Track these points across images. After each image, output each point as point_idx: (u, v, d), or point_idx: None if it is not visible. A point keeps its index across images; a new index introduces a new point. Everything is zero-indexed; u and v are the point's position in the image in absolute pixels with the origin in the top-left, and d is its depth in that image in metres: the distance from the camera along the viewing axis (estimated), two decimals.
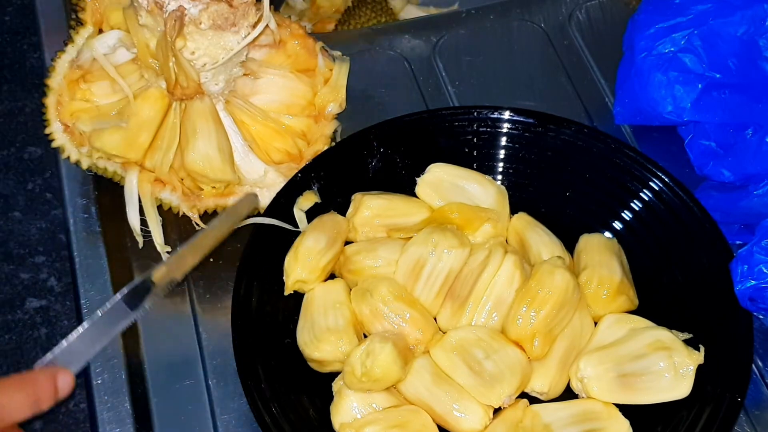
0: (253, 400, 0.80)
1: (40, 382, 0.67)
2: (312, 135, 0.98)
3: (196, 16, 0.90)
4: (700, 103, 0.96)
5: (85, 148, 0.93)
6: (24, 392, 0.65)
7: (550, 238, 0.92)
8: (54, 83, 0.92)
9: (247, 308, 0.86)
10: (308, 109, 0.98)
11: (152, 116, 0.92)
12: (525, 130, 0.96)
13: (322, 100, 0.97)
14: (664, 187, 0.92)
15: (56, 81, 0.92)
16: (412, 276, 0.88)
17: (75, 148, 0.94)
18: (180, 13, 0.88)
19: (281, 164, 0.97)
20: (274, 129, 0.97)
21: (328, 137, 0.98)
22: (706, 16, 0.96)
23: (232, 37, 0.91)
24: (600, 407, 0.82)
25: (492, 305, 0.86)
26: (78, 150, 0.94)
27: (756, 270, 0.83)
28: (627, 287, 0.88)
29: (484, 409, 0.81)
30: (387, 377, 0.81)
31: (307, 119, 0.98)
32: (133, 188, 0.94)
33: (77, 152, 0.94)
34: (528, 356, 0.83)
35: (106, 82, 0.94)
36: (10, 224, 1.61)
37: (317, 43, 0.98)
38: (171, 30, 0.88)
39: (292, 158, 0.97)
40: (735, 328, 0.84)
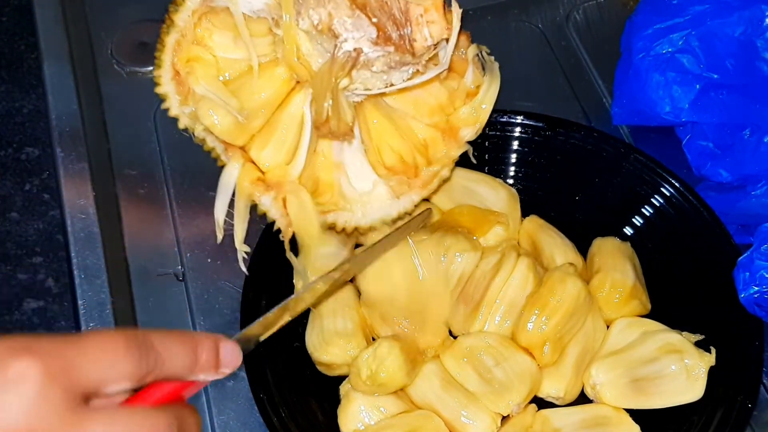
0: (261, 404, 0.80)
1: (203, 343, 0.60)
2: (435, 151, 0.84)
3: (371, 59, 0.77)
4: (698, 104, 0.96)
5: (188, 108, 0.81)
6: (183, 347, 0.58)
7: (563, 240, 0.92)
8: (179, 19, 0.77)
9: (255, 311, 0.86)
10: (437, 115, 0.84)
11: (272, 100, 0.79)
12: (534, 133, 0.96)
13: (458, 119, 0.83)
14: (674, 192, 0.92)
15: (182, 17, 0.77)
16: None
17: (178, 102, 0.81)
18: (356, 55, 0.76)
19: (392, 174, 0.83)
20: (394, 125, 0.83)
21: (453, 161, 0.84)
22: (704, 17, 0.96)
23: (398, 74, 0.79)
24: (610, 412, 0.82)
25: (505, 309, 0.85)
26: (180, 107, 0.81)
27: (758, 276, 0.83)
28: (640, 291, 0.88)
29: (492, 416, 0.81)
30: (392, 382, 0.80)
31: (433, 130, 0.84)
32: (230, 181, 0.81)
33: (179, 108, 0.81)
34: (538, 363, 0.83)
35: (230, 34, 0.79)
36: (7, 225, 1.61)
37: (475, 47, 0.83)
38: (339, 70, 0.76)
39: (405, 169, 0.83)
40: (745, 331, 0.84)
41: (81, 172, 0.99)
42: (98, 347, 0.54)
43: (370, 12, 0.75)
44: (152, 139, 1.07)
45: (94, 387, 0.54)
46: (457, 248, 0.86)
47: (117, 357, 0.54)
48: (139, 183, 1.04)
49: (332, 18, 0.75)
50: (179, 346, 0.58)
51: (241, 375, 0.88)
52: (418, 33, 0.76)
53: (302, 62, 0.77)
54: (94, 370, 0.53)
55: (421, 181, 0.83)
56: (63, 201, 1.00)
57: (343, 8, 0.75)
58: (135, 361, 0.55)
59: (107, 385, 0.54)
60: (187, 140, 1.07)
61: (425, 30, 0.76)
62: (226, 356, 0.61)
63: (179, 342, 0.58)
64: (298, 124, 0.80)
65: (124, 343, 0.55)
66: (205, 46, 0.79)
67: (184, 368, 0.58)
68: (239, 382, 0.88)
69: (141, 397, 0.58)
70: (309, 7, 0.76)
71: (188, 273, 0.95)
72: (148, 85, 1.12)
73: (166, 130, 1.08)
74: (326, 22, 0.75)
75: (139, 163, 1.05)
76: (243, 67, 0.80)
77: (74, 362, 0.53)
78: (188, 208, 1.01)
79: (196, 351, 0.59)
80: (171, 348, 0.57)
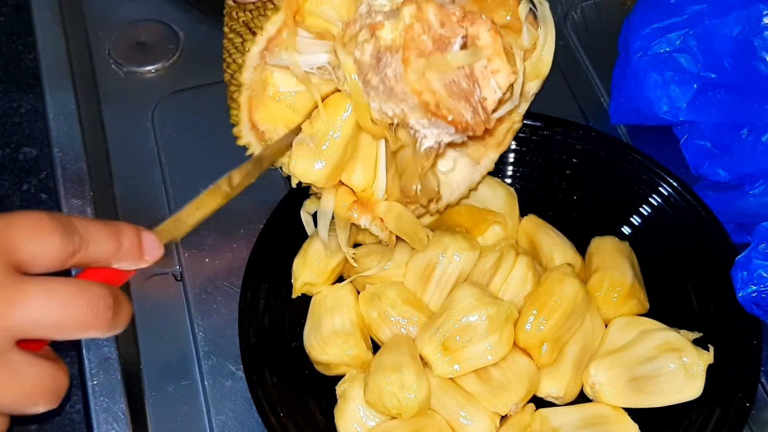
0: (260, 404, 0.80)
1: (125, 231, 0.62)
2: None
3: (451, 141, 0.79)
4: (696, 103, 0.96)
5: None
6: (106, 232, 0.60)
7: (562, 239, 0.92)
8: (245, 78, 0.79)
9: (254, 311, 0.86)
10: None
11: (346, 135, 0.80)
12: (532, 133, 0.96)
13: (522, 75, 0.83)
14: (672, 191, 0.92)
15: (247, 76, 0.79)
16: (422, 279, 0.87)
17: (260, 145, 0.83)
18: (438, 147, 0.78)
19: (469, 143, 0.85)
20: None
21: (521, 115, 0.86)
22: (702, 16, 0.96)
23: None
24: (609, 411, 0.82)
25: None
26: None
27: (755, 275, 0.83)
28: (638, 290, 0.88)
29: (490, 416, 0.81)
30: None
31: None
32: (328, 209, 0.83)
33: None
34: (536, 363, 0.83)
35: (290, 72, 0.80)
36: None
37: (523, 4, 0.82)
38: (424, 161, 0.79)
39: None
40: (743, 330, 0.84)
41: (79, 172, 0.99)
42: (28, 223, 0.56)
43: (445, 110, 0.75)
44: (150, 139, 1.07)
45: (26, 259, 0.56)
46: (455, 247, 0.86)
47: (46, 232, 0.56)
48: (137, 183, 1.03)
49: (407, 116, 0.76)
50: (102, 231, 0.60)
51: (239, 375, 0.88)
52: (486, 89, 0.76)
53: (375, 123, 0.78)
54: (26, 243, 0.56)
55: (496, 141, 0.86)
56: (61, 201, 1.00)
57: (418, 112, 0.75)
58: (62, 238, 0.57)
59: (38, 258, 0.56)
60: (185, 140, 1.07)
61: (492, 82, 0.77)
62: (147, 245, 0.63)
63: (102, 227, 0.60)
64: (373, 144, 0.82)
65: (51, 223, 0.57)
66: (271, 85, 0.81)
67: (108, 252, 0.60)
68: (237, 382, 0.88)
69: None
70: (380, 98, 0.76)
71: (186, 273, 0.95)
72: (146, 85, 1.13)
73: (163, 130, 1.08)
74: (402, 117, 0.76)
75: (137, 162, 1.05)
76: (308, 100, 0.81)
77: (8, 233, 0.55)
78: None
79: (119, 237, 0.61)
80: (94, 232, 0.59)
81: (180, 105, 1.10)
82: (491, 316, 0.81)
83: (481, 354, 0.81)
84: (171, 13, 1.18)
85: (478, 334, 0.81)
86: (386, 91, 0.75)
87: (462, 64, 0.75)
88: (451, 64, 0.74)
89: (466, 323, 0.81)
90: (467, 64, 0.75)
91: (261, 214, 0.92)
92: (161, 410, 0.88)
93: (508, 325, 0.82)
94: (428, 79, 0.74)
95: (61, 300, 0.55)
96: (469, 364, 0.81)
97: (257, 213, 0.96)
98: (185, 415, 0.87)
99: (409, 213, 0.84)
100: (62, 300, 0.55)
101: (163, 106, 1.10)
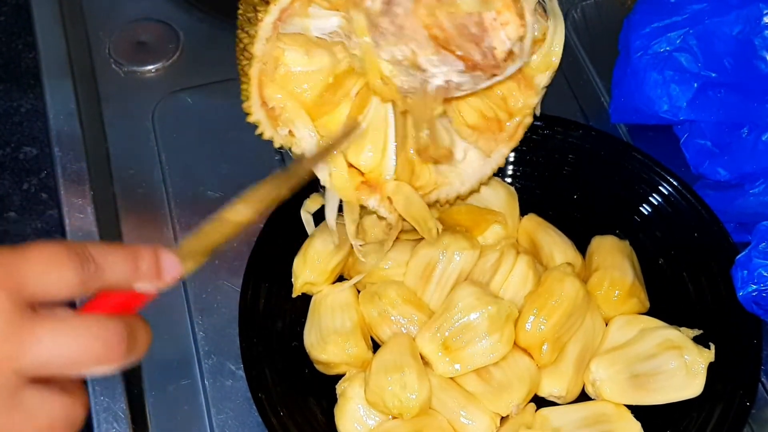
0: (260, 403, 0.80)
1: (142, 252, 0.60)
2: (513, 103, 0.85)
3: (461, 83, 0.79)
4: (696, 102, 0.96)
5: (283, 130, 0.82)
6: (122, 256, 0.59)
7: (562, 238, 0.92)
8: (257, 50, 0.78)
9: (254, 311, 0.86)
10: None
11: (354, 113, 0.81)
12: (532, 132, 0.96)
13: (530, 68, 0.84)
14: (672, 191, 0.92)
15: (259, 47, 0.78)
16: (422, 278, 0.87)
17: (270, 126, 0.82)
18: (447, 86, 0.78)
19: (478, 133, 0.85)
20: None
21: (532, 109, 0.86)
22: (702, 16, 0.96)
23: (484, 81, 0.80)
24: (611, 409, 0.82)
25: None
26: (274, 129, 0.82)
27: (756, 274, 0.83)
28: (638, 289, 0.88)
29: (491, 416, 0.81)
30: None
31: (509, 81, 0.84)
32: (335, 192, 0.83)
33: (272, 131, 0.82)
34: (537, 363, 0.83)
35: (301, 49, 0.80)
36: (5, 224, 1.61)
37: None
38: (433, 102, 0.78)
39: (488, 124, 0.85)
40: (743, 330, 0.84)
41: (79, 171, 0.99)
42: (41, 256, 0.55)
43: (454, 46, 0.75)
44: (150, 138, 1.07)
45: (38, 294, 0.54)
46: (455, 247, 0.86)
47: (59, 265, 0.55)
48: (137, 182, 1.03)
49: (417, 55, 0.76)
50: (118, 256, 0.59)
51: (239, 374, 0.88)
52: (496, 39, 0.77)
53: (386, 83, 0.78)
54: (38, 278, 0.54)
55: (507, 135, 0.86)
56: (61, 200, 1.00)
57: (427, 48, 0.75)
58: (76, 268, 0.55)
59: (51, 292, 0.55)
60: (185, 139, 1.07)
61: (501, 33, 0.77)
62: (166, 264, 0.62)
63: (118, 252, 0.59)
64: (383, 122, 0.82)
65: (64, 254, 0.55)
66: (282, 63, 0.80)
67: (125, 276, 0.59)
68: (238, 382, 0.88)
69: (89, 307, 0.58)
70: (389, 42, 0.76)
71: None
72: (146, 84, 1.13)
73: (164, 129, 1.08)
74: (411, 59, 0.76)
75: (137, 162, 1.05)
76: (320, 79, 0.81)
77: (19, 269, 0.54)
78: (186, 208, 1.01)
79: (135, 260, 0.59)
80: (110, 257, 0.58)
81: (180, 104, 1.10)
82: (492, 315, 0.81)
83: (482, 353, 0.81)
84: (171, 13, 1.18)
85: (479, 334, 0.81)
86: (396, 31, 0.75)
87: (472, 10, 0.75)
88: (460, 7, 0.74)
89: (467, 322, 0.81)
90: (477, 11, 0.75)
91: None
92: (161, 409, 0.88)
93: (508, 324, 0.82)
94: (438, 17, 0.74)
95: (71, 337, 0.54)
96: (469, 363, 0.81)
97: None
98: (185, 415, 0.87)
99: (418, 197, 0.83)
100: (73, 337, 0.54)
101: (163, 106, 1.10)
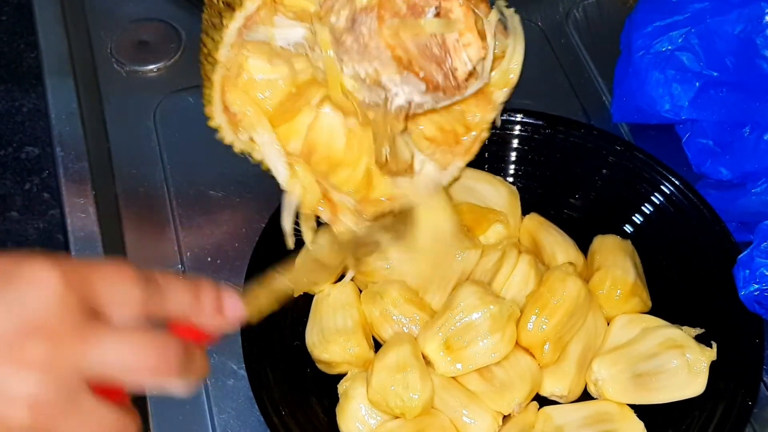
0: (262, 403, 0.80)
1: (204, 287, 0.61)
2: (471, 117, 0.84)
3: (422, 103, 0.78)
4: (698, 101, 0.96)
5: (243, 135, 0.81)
6: (185, 287, 0.59)
7: (564, 238, 0.92)
8: (221, 56, 0.78)
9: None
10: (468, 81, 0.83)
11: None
12: (534, 131, 0.96)
13: (489, 84, 0.83)
14: (674, 190, 0.92)
15: (223, 53, 0.78)
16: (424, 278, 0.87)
17: (231, 131, 0.81)
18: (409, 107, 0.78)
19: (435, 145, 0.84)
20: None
21: (489, 124, 0.85)
22: (704, 15, 0.96)
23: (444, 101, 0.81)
24: (614, 408, 0.82)
25: None
26: (235, 135, 0.81)
27: (758, 274, 0.83)
28: (640, 289, 0.88)
29: (493, 415, 0.81)
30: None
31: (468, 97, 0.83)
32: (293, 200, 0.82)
33: (233, 136, 0.82)
34: (538, 363, 0.83)
35: (264, 57, 0.80)
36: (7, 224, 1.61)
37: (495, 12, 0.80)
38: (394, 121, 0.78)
39: (445, 137, 0.84)
40: (745, 329, 0.84)
41: (81, 171, 0.99)
42: (112, 270, 0.57)
43: (417, 67, 0.76)
44: (152, 138, 1.07)
45: (105, 304, 0.56)
46: (457, 246, 0.86)
47: (126, 281, 0.56)
48: (138, 182, 1.04)
49: (379, 74, 0.76)
50: (181, 286, 0.60)
51: (241, 374, 0.88)
52: (458, 60, 0.77)
53: (348, 97, 0.78)
54: (106, 288, 0.56)
55: (463, 148, 0.85)
56: (63, 200, 1.00)
57: (390, 67, 0.76)
58: (142, 287, 0.57)
59: (116, 305, 0.56)
60: (186, 139, 1.07)
61: (463, 55, 0.77)
62: (228, 303, 0.62)
63: (181, 281, 0.60)
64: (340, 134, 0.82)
65: (132, 271, 0.57)
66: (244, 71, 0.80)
67: (187, 306, 0.60)
68: (239, 381, 0.89)
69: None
70: (353, 59, 0.77)
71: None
72: (148, 84, 1.13)
73: (165, 129, 1.08)
74: (374, 77, 0.77)
75: (139, 162, 1.05)
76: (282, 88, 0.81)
77: (89, 277, 0.55)
78: (188, 207, 1.01)
79: (198, 292, 0.60)
80: (172, 285, 0.59)
81: (182, 104, 1.10)
82: (493, 315, 0.81)
83: (484, 353, 0.81)
84: (173, 12, 1.18)
85: (481, 333, 0.81)
86: (360, 49, 0.76)
87: (435, 32, 0.75)
88: (424, 29, 0.75)
89: (469, 322, 0.81)
90: (440, 32, 0.76)
91: (263, 213, 0.92)
92: (163, 409, 0.88)
93: (510, 324, 0.82)
94: (402, 38, 0.75)
95: (132, 344, 0.55)
96: (471, 363, 0.81)
97: (259, 212, 0.96)
98: (187, 414, 0.87)
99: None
100: (134, 344, 0.55)
101: (165, 105, 1.10)
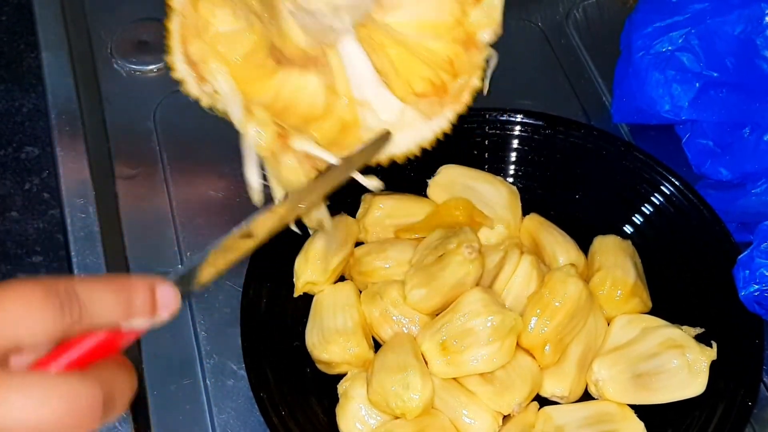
0: (262, 403, 0.80)
1: (136, 286, 0.55)
2: (460, 65, 0.81)
3: None
4: (698, 102, 0.96)
5: (207, 87, 0.80)
6: (114, 293, 0.54)
7: (564, 238, 0.92)
8: (176, 2, 0.77)
9: (256, 311, 0.86)
10: (456, 31, 0.80)
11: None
12: (534, 132, 0.96)
13: (472, 24, 0.79)
14: (674, 190, 0.92)
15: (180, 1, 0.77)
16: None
17: (196, 83, 0.80)
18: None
19: (422, 99, 0.81)
20: (415, 53, 0.80)
21: (480, 68, 0.81)
22: (704, 15, 0.96)
23: None
24: (614, 409, 0.82)
25: (510, 306, 0.85)
26: (199, 86, 0.80)
27: (758, 274, 0.83)
28: (640, 289, 0.88)
29: (493, 415, 0.81)
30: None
31: (454, 45, 0.80)
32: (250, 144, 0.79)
33: (198, 89, 0.81)
34: (539, 364, 0.83)
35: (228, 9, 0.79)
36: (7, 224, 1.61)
37: None
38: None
39: (435, 90, 0.81)
40: (745, 330, 0.84)
41: (81, 171, 0.99)
42: (13, 299, 0.50)
43: None
44: (152, 138, 1.07)
45: (10, 346, 0.50)
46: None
47: (36, 309, 0.50)
48: (139, 182, 1.04)
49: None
50: (108, 293, 0.54)
51: (241, 374, 0.88)
52: None
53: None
54: (10, 327, 0.49)
55: (451, 97, 0.81)
56: (63, 200, 1.00)
57: None
58: (55, 312, 0.51)
59: (26, 342, 0.50)
60: (187, 139, 1.07)
61: None
62: (163, 298, 0.57)
63: (109, 288, 0.54)
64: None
65: (43, 293, 0.50)
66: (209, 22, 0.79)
67: (116, 314, 0.54)
68: (239, 381, 0.89)
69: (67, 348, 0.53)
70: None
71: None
72: (148, 84, 1.13)
73: (166, 129, 1.08)
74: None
75: (139, 162, 1.05)
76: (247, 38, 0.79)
77: None
78: (188, 207, 1.01)
79: (129, 295, 0.55)
80: (98, 295, 0.53)
81: (182, 104, 1.09)
82: (495, 325, 0.80)
83: (479, 360, 0.80)
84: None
85: (479, 341, 0.80)
86: None
87: None
88: None
89: (469, 327, 0.81)
90: None
91: None
92: (163, 409, 0.88)
93: (511, 336, 0.81)
94: None
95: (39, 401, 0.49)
96: (465, 368, 0.81)
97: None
98: (187, 414, 0.87)
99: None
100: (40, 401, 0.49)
101: (165, 105, 1.10)
